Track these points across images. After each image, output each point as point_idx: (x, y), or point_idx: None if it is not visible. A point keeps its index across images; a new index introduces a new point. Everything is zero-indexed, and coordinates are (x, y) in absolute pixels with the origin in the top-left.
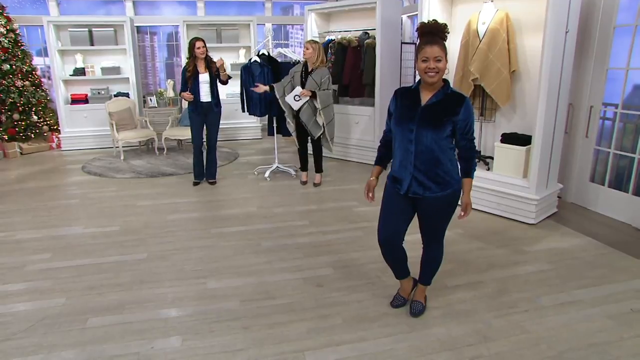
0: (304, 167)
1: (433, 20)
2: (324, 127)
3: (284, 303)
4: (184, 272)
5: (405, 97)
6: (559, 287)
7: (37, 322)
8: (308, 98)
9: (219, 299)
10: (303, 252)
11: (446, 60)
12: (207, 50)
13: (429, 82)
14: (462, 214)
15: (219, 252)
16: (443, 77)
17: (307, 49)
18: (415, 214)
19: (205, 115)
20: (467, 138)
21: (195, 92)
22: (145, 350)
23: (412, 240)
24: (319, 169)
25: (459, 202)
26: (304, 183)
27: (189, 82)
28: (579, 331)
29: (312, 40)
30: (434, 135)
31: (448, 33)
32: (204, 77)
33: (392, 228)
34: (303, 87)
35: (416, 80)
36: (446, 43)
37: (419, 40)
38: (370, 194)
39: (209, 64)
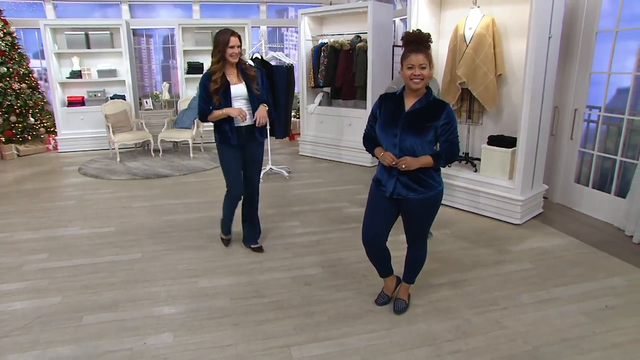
0: None
1: (417, 29)
2: None
3: (273, 301)
4: (176, 272)
5: (389, 103)
6: (539, 285)
7: (34, 319)
8: None
9: (210, 297)
10: (292, 252)
11: (430, 68)
12: (241, 52)
13: (414, 88)
14: (399, 162)
15: (211, 252)
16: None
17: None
18: (399, 215)
19: (243, 148)
20: (449, 140)
21: None
22: (138, 346)
23: (399, 241)
24: None
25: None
26: None
27: (215, 98)
28: (554, 327)
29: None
30: (417, 139)
31: (432, 42)
32: (238, 90)
33: (376, 229)
34: None
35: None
36: (435, 47)
37: (404, 49)
38: (390, 156)
39: (243, 69)
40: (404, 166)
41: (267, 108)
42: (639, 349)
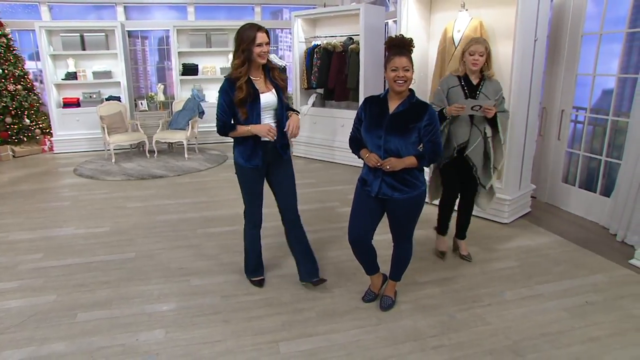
0: (444, 230)
1: (400, 34)
2: (494, 170)
3: (263, 298)
4: (169, 270)
5: (374, 106)
6: (523, 283)
7: (29, 317)
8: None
9: (201, 295)
10: (284, 251)
11: (413, 71)
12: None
13: (398, 90)
14: (384, 163)
15: (204, 251)
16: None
17: (479, 55)
18: (385, 214)
19: (268, 168)
20: (431, 140)
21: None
22: (131, 342)
23: (387, 240)
24: (463, 233)
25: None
26: (443, 254)
27: (242, 111)
28: (535, 322)
29: (481, 39)
30: (401, 141)
31: (414, 47)
32: (267, 100)
33: (361, 228)
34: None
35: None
36: (425, 49)
37: (387, 53)
38: (375, 158)
39: (269, 73)
40: (388, 167)
41: (299, 117)
42: (616, 343)
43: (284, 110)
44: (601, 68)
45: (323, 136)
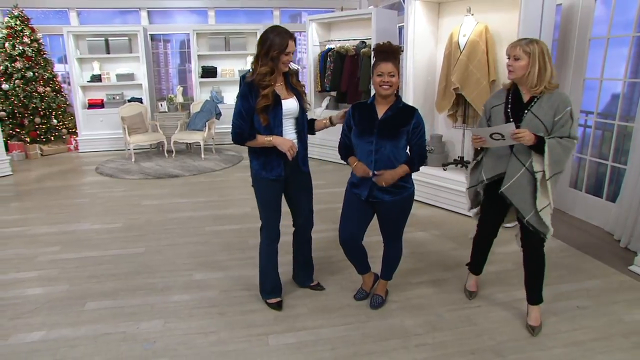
0: (475, 269)
1: (387, 42)
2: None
3: (259, 294)
4: (175, 265)
5: (363, 112)
6: (516, 286)
7: (42, 304)
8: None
9: (201, 289)
10: (284, 250)
11: (399, 77)
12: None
13: (383, 94)
14: (379, 180)
15: (209, 248)
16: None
17: (514, 60)
18: (375, 216)
19: (286, 181)
20: (418, 143)
21: (277, 134)
22: (132, 330)
23: (378, 241)
24: (536, 296)
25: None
26: (471, 294)
27: (263, 117)
28: (522, 324)
29: (523, 40)
30: (392, 145)
31: (402, 52)
32: (289, 106)
33: (351, 230)
34: None
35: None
36: (433, 54)
37: (375, 58)
38: (364, 170)
39: (290, 79)
40: (384, 184)
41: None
42: (600, 347)
43: (305, 118)
44: (610, 72)
45: (336, 138)
